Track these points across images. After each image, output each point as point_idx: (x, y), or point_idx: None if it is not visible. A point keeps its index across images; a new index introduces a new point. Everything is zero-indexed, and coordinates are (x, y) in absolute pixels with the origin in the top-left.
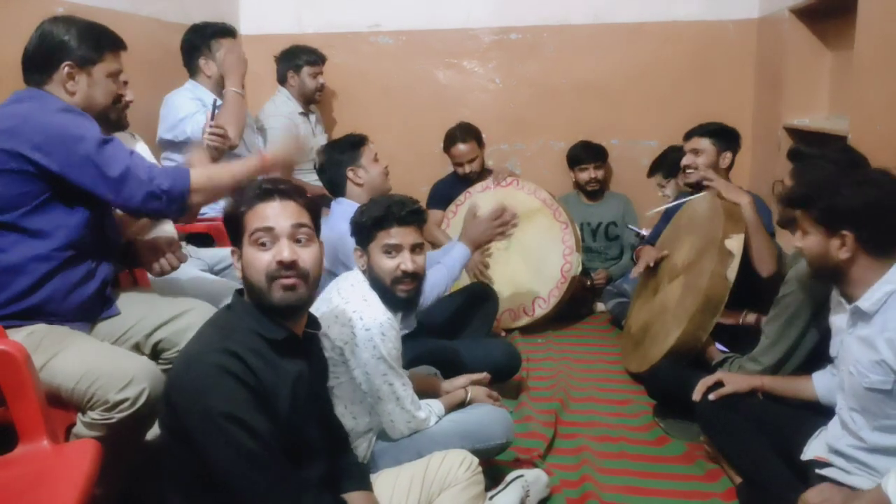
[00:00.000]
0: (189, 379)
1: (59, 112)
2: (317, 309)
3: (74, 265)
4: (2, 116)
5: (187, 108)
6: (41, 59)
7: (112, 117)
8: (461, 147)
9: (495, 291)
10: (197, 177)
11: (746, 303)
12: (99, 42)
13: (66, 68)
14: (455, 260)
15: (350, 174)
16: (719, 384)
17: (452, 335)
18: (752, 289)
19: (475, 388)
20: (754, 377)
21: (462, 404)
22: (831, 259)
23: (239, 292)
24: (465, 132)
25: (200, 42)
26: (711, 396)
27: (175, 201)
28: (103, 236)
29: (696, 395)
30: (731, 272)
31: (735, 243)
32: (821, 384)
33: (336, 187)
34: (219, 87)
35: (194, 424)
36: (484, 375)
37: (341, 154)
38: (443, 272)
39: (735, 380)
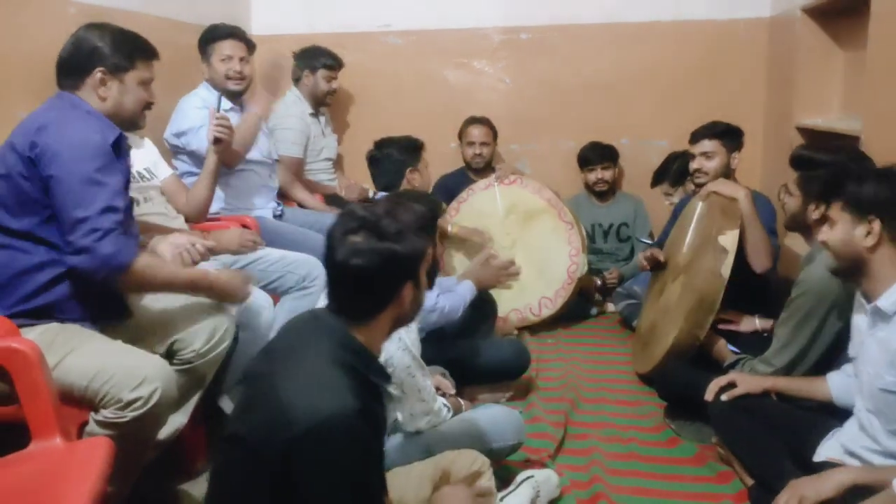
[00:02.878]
0: (322, 438)
1: (78, 132)
2: (321, 303)
3: None
4: (29, 122)
5: (192, 118)
6: (75, 65)
7: (141, 125)
8: (476, 128)
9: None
10: (139, 262)
11: (750, 303)
12: (132, 50)
13: (99, 74)
14: (465, 294)
15: (409, 175)
16: (732, 385)
17: (453, 336)
18: (754, 288)
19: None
20: (766, 378)
21: (458, 412)
22: (855, 247)
23: (326, 310)
24: (482, 118)
25: (201, 45)
26: (724, 397)
27: (106, 268)
28: None
29: (709, 396)
30: (725, 269)
31: (729, 239)
32: (835, 384)
33: (390, 184)
34: (218, 88)
35: (312, 480)
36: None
37: (404, 154)
38: (456, 300)
39: (747, 381)
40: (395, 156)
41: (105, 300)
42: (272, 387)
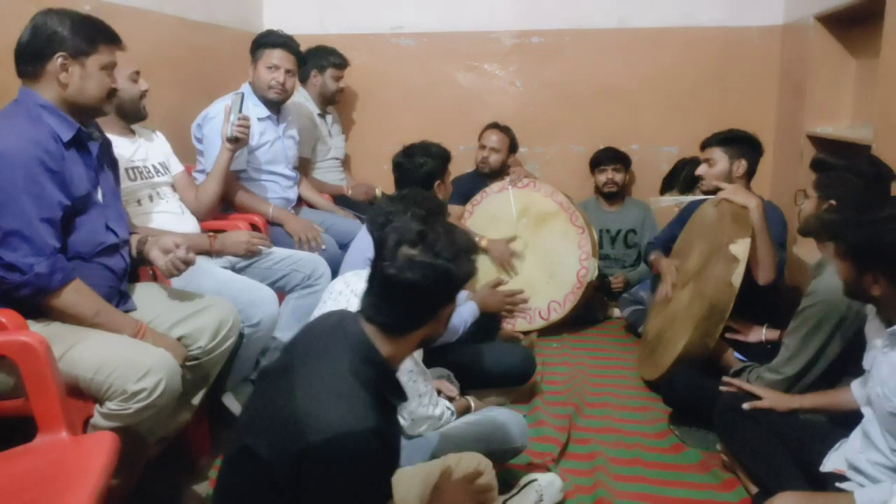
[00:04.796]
0: (334, 452)
1: (6, 139)
2: (324, 304)
3: (78, 263)
4: None
5: (219, 139)
6: (34, 51)
7: (106, 111)
8: (492, 133)
9: None
10: (71, 287)
11: (759, 312)
12: (93, 34)
13: (60, 59)
14: (467, 315)
15: (437, 188)
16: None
17: (457, 340)
18: (763, 297)
19: (478, 402)
20: (793, 398)
21: (467, 412)
22: (864, 291)
23: (355, 317)
24: (503, 126)
25: (252, 48)
26: (746, 406)
27: (33, 287)
28: (103, 236)
29: (725, 388)
30: (737, 277)
31: (740, 248)
32: (860, 394)
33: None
34: (258, 94)
35: (318, 492)
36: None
37: (435, 166)
38: (456, 322)
39: (775, 398)
40: (427, 167)
41: (106, 292)
42: (290, 394)
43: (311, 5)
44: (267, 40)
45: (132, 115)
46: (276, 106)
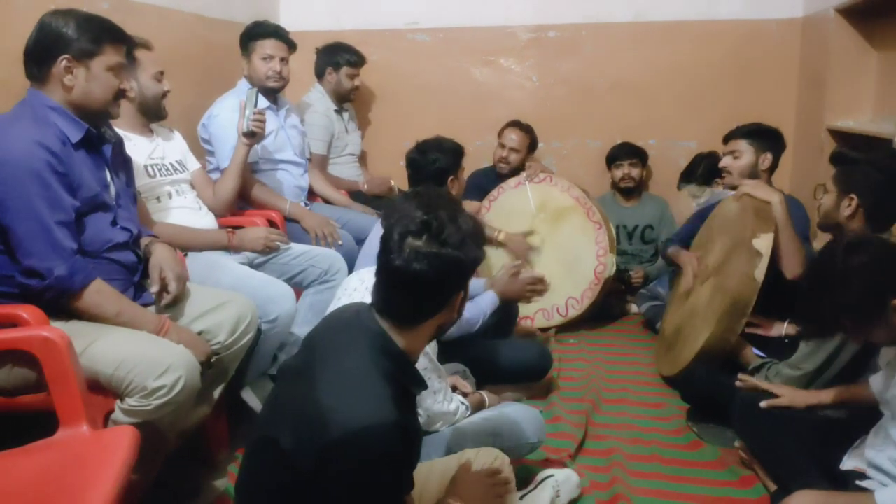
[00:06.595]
0: (358, 446)
1: (13, 141)
2: (338, 301)
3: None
4: None
5: (228, 134)
6: (40, 53)
7: (114, 114)
8: (512, 132)
9: None
10: (94, 287)
11: (780, 307)
12: (99, 34)
13: (64, 62)
14: (486, 306)
15: (449, 184)
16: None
17: (474, 336)
18: (784, 292)
19: (493, 396)
20: (811, 394)
21: (482, 407)
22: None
23: (369, 309)
24: (524, 125)
25: (243, 41)
26: (763, 404)
27: (56, 290)
28: (111, 234)
29: (741, 384)
30: (760, 272)
31: (763, 243)
32: (878, 390)
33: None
34: (256, 86)
35: (341, 485)
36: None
37: (448, 162)
38: (474, 312)
39: (793, 395)
40: (440, 163)
41: (119, 284)
42: (311, 388)
43: (327, 1)
44: (257, 31)
45: (153, 114)
46: (272, 95)
